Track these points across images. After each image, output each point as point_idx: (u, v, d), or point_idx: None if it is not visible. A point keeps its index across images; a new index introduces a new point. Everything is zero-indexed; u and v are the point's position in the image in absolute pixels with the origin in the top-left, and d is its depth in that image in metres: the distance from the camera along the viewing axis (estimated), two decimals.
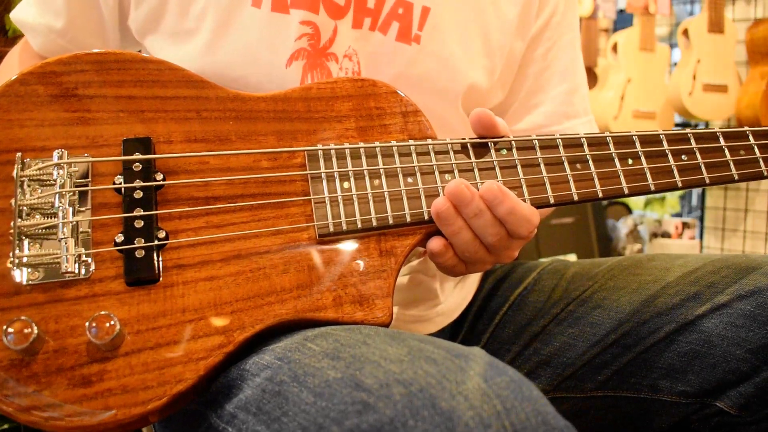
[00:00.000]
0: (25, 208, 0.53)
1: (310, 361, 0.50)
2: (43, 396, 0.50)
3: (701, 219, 2.76)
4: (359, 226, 0.59)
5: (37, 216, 0.54)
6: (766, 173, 0.70)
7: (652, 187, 0.66)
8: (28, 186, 0.54)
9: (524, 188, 0.63)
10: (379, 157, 0.61)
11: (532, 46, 0.83)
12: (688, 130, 0.69)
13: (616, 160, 0.66)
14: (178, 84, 0.60)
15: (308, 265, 0.57)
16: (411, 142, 0.62)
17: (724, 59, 2.40)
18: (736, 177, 0.69)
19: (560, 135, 0.65)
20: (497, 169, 0.63)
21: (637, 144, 0.67)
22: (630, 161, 0.66)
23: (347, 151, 0.61)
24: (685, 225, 2.72)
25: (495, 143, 0.64)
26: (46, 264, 0.53)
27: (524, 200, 0.62)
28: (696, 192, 3.03)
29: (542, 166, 0.64)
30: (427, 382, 0.42)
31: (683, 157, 0.68)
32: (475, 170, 0.63)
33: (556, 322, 0.79)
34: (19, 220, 0.53)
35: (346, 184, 0.60)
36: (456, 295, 0.85)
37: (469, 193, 0.59)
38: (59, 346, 0.51)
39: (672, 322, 0.71)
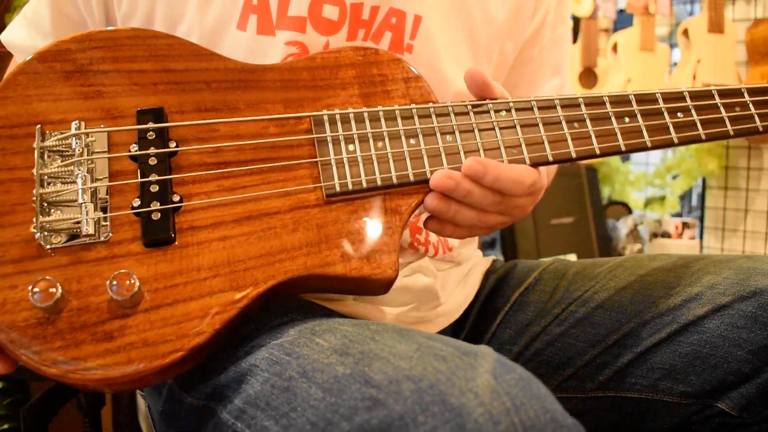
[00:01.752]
0: (46, 177, 0.56)
1: (318, 356, 0.50)
2: (68, 350, 0.52)
3: (701, 219, 2.76)
4: (364, 185, 0.61)
5: (58, 184, 0.56)
6: (761, 128, 0.71)
7: (649, 144, 0.67)
8: (48, 157, 0.57)
9: (523, 147, 0.64)
10: (382, 120, 0.63)
11: (529, 47, 0.84)
12: (683, 88, 0.69)
13: (613, 119, 0.67)
14: (189, 57, 0.63)
15: (316, 224, 0.60)
16: (413, 105, 0.64)
17: (724, 59, 2.40)
18: (732, 132, 0.69)
19: (558, 96, 0.67)
20: (497, 129, 0.65)
21: (634, 103, 0.68)
22: (627, 119, 0.67)
23: (351, 116, 0.63)
24: (685, 225, 2.71)
25: (494, 105, 0.65)
26: (68, 229, 0.55)
27: (523, 160, 0.64)
28: (696, 192, 3.03)
29: (540, 125, 0.65)
30: (437, 379, 0.42)
31: (679, 114, 0.68)
32: (476, 131, 0.64)
33: (557, 323, 0.79)
34: (41, 188, 0.55)
35: (351, 147, 0.62)
36: (457, 296, 0.85)
37: (452, 181, 0.60)
38: (82, 304, 0.54)
39: (673, 323, 0.71)
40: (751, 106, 0.71)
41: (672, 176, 2.78)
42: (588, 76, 2.49)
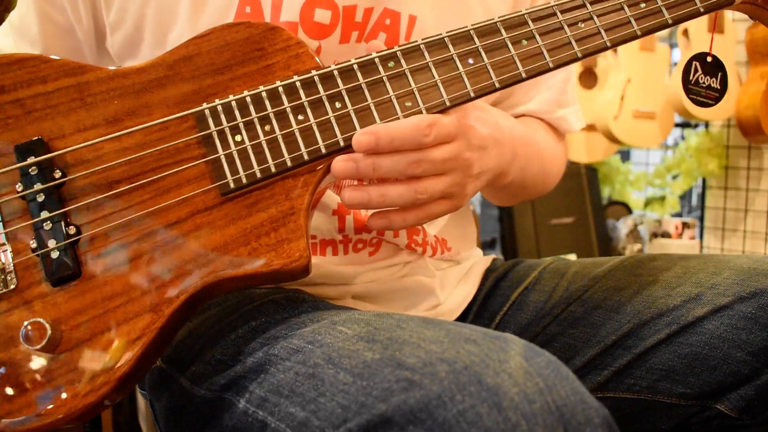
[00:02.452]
0: None
1: (343, 344, 0.51)
2: (1, 407, 0.54)
3: (701, 219, 2.76)
4: (259, 176, 0.58)
5: None
6: (670, 21, 0.66)
7: (551, 64, 0.62)
8: None
9: (417, 95, 0.60)
10: (266, 101, 0.60)
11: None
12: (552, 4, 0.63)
13: (510, 45, 0.62)
14: (57, 75, 0.60)
15: (219, 225, 0.58)
16: (295, 77, 0.60)
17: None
18: (639, 33, 0.64)
19: (447, 33, 0.62)
20: (386, 83, 0.60)
21: (530, 23, 0.62)
22: (525, 42, 0.62)
23: (233, 104, 0.60)
24: (685, 225, 2.71)
25: (381, 57, 0.61)
26: None
27: (420, 110, 0.60)
28: (696, 192, 3.03)
29: (433, 69, 0.61)
30: (471, 361, 0.43)
31: (581, 25, 0.63)
32: (365, 90, 0.60)
33: (557, 323, 0.79)
34: None
35: (238, 137, 0.59)
36: (456, 295, 0.85)
37: (352, 162, 0.58)
38: (6, 357, 0.55)
39: (673, 324, 0.71)
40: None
41: (672, 176, 2.78)
42: (588, 76, 2.49)
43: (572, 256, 2.39)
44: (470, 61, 0.61)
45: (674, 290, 0.73)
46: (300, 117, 0.60)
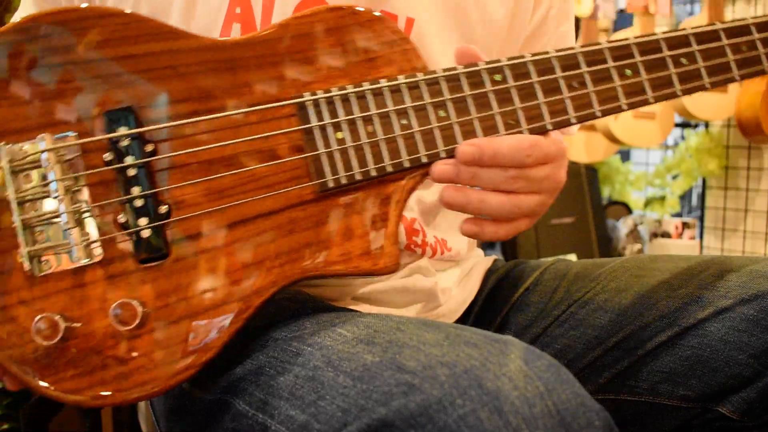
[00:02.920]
0: (20, 200, 0.54)
1: (343, 347, 0.51)
2: (82, 379, 0.52)
3: (701, 219, 2.76)
4: (358, 178, 0.58)
5: (36, 203, 0.54)
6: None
7: (652, 100, 0.62)
8: (20, 173, 0.54)
9: (520, 116, 0.60)
10: (369, 99, 0.59)
11: (531, 43, 0.83)
12: (688, 31, 0.64)
13: (615, 75, 0.62)
14: (148, 38, 0.57)
15: (312, 222, 0.58)
16: (400, 78, 0.59)
17: None
18: (738, 78, 0.65)
19: (555, 54, 0.61)
20: (491, 96, 0.60)
21: (636, 54, 0.62)
22: (628, 72, 0.62)
23: (337, 98, 0.58)
24: (685, 225, 2.71)
25: (488, 69, 0.60)
26: (56, 254, 0.54)
27: (522, 131, 0.60)
28: (696, 192, 3.03)
29: (539, 91, 0.60)
30: (471, 364, 0.43)
31: (682, 60, 0.63)
32: (468, 100, 0.60)
33: (558, 324, 0.79)
34: (21, 209, 0.53)
35: (339, 135, 0.58)
36: (457, 296, 0.85)
37: (451, 167, 0.58)
38: (87, 330, 0.53)
39: (674, 326, 0.71)
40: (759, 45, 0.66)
41: (672, 176, 2.78)
42: None
43: (572, 256, 2.38)
44: (575, 85, 0.61)
45: (676, 292, 0.73)
46: (403, 121, 0.59)
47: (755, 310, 0.67)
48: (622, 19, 2.64)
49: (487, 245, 2.45)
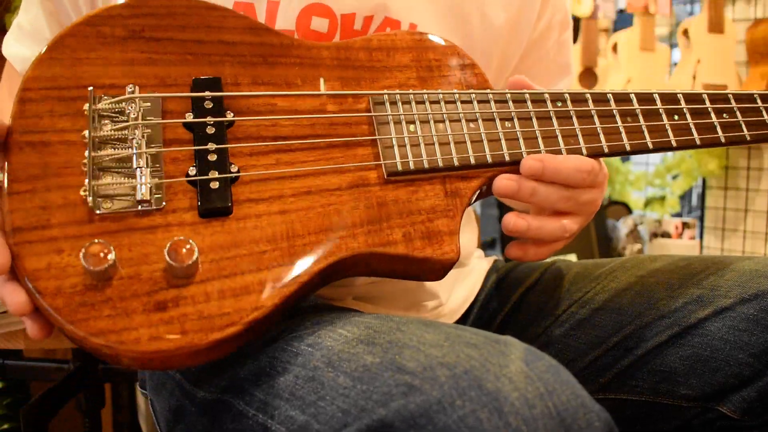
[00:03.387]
0: (97, 140, 0.53)
1: (343, 347, 0.51)
2: (118, 319, 0.49)
3: (701, 219, 2.76)
4: (426, 166, 0.60)
5: (109, 149, 0.54)
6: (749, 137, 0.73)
7: (698, 142, 0.69)
8: (99, 121, 0.54)
9: (579, 137, 0.65)
10: (442, 103, 0.63)
11: (537, 48, 0.84)
12: (728, 91, 0.73)
13: (664, 116, 0.69)
14: (243, 31, 0.61)
15: (377, 203, 0.59)
16: (472, 91, 0.65)
17: (724, 59, 2.40)
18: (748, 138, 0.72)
19: (611, 91, 0.68)
20: (554, 118, 0.65)
21: (682, 102, 0.70)
22: (676, 117, 0.69)
23: (411, 97, 0.63)
24: (685, 225, 2.71)
25: (551, 95, 0.66)
26: (121, 194, 0.53)
27: (580, 150, 0.64)
28: (696, 192, 3.03)
29: (595, 117, 0.66)
30: (471, 365, 0.43)
31: (724, 115, 0.71)
32: (533, 118, 0.65)
33: (558, 324, 0.79)
34: (93, 148, 0.53)
35: (411, 128, 0.62)
36: (457, 296, 0.85)
37: (514, 182, 0.61)
38: (133, 272, 0.51)
39: (674, 325, 0.71)
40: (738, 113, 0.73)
41: (672, 176, 2.78)
42: (588, 76, 2.48)
43: (572, 256, 2.39)
44: (628, 119, 0.67)
45: (676, 292, 0.73)
46: (471, 125, 0.63)
47: (755, 310, 0.67)
48: (622, 19, 2.64)
49: (487, 245, 2.45)
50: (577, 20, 2.44)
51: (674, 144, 0.68)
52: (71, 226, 0.51)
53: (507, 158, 0.62)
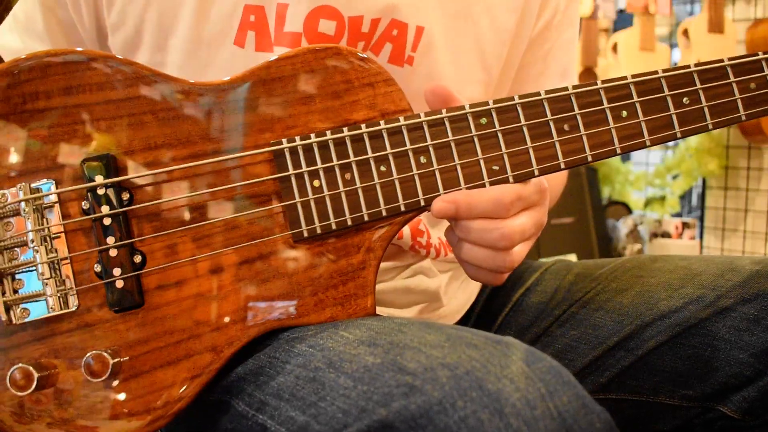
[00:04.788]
0: (1, 246, 0.55)
1: (344, 348, 0.51)
2: (58, 427, 0.54)
3: (701, 219, 2.76)
4: (333, 228, 0.58)
5: (12, 251, 0.56)
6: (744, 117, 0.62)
7: (648, 143, 0.60)
8: (0, 220, 0.56)
9: (506, 162, 0.58)
10: (348, 143, 0.58)
11: (533, 48, 0.83)
12: (692, 69, 0.61)
13: (609, 117, 0.59)
14: (130, 82, 0.57)
15: (287, 272, 0.58)
16: (381, 123, 0.58)
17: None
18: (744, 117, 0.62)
19: (545, 95, 0.59)
20: (476, 142, 0.58)
21: (634, 94, 0.60)
22: (624, 113, 0.59)
23: (314, 145, 0.58)
24: (685, 225, 2.71)
25: (474, 113, 0.58)
26: (33, 302, 0.55)
27: (507, 179, 0.58)
28: (696, 192, 3.03)
29: (525, 132, 0.58)
30: (472, 366, 0.43)
31: (684, 100, 0.60)
32: (453, 149, 0.58)
33: (558, 324, 0.79)
34: (0, 258, 0.55)
35: (316, 183, 0.58)
36: (459, 297, 0.85)
37: (452, 205, 0.57)
38: (63, 380, 0.55)
39: (675, 325, 0.71)
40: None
41: (672, 176, 2.78)
42: (588, 76, 2.48)
43: (572, 256, 2.39)
44: (566, 128, 0.59)
45: (676, 292, 0.73)
46: (382, 168, 0.58)
47: (756, 310, 0.67)
48: (622, 19, 2.64)
49: None
50: None
51: (619, 151, 0.59)
52: None
53: (422, 203, 0.58)
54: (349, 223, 0.58)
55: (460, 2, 0.72)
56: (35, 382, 0.52)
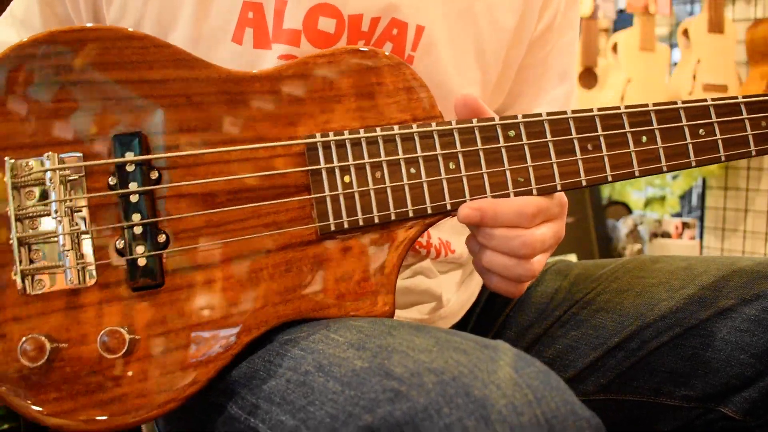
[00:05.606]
0: (18, 216, 0.54)
1: (334, 351, 0.50)
2: (63, 402, 0.52)
3: (701, 219, 2.76)
4: (361, 224, 0.58)
5: (35, 221, 0.54)
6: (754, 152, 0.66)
7: (665, 169, 0.63)
8: (22, 188, 0.54)
9: (531, 175, 0.60)
10: (380, 143, 0.59)
11: (533, 50, 0.82)
12: (708, 103, 0.63)
13: (630, 141, 0.62)
14: (166, 64, 0.57)
15: (311, 264, 0.58)
16: (414, 127, 0.59)
17: (724, 59, 2.40)
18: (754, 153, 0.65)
19: (571, 114, 0.61)
20: (503, 153, 0.60)
21: (654, 121, 0.62)
22: (644, 139, 0.62)
23: (347, 142, 0.59)
24: (685, 225, 2.71)
25: (503, 125, 0.60)
26: (51, 273, 0.53)
27: (531, 191, 0.60)
28: (696, 192, 3.03)
29: (551, 149, 0.61)
30: (459, 371, 0.43)
31: (701, 132, 0.63)
32: (480, 155, 0.60)
33: (559, 325, 0.79)
34: (19, 226, 0.53)
35: (347, 178, 0.58)
36: (459, 297, 0.85)
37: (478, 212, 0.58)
38: (74, 354, 0.53)
39: (676, 326, 0.71)
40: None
41: (672, 176, 2.78)
42: (588, 76, 2.48)
43: (572, 257, 2.38)
44: (589, 147, 0.61)
45: (677, 292, 0.73)
46: (412, 170, 0.59)
47: (757, 310, 0.67)
48: (622, 19, 2.64)
49: None
50: None
51: (637, 174, 0.62)
52: (8, 309, 0.53)
53: (448, 207, 0.59)
54: (376, 220, 0.58)
55: (461, 2, 0.72)
56: (47, 354, 0.51)
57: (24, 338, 0.52)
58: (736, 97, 0.64)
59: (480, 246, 0.60)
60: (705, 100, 0.63)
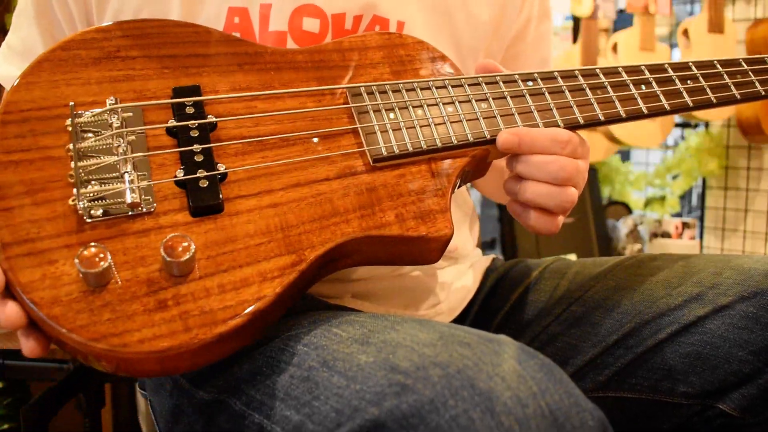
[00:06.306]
0: (81, 152, 0.54)
1: (338, 347, 0.51)
2: (118, 323, 0.48)
3: (701, 219, 2.76)
4: (410, 149, 0.62)
5: (98, 157, 0.54)
6: (763, 93, 0.77)
7: (667, 107, 0.71)
8: (82, 134, 0.55)
9: (554, 111, 0.67)
10: (418, 90, 0.65)
11: (516, 43, 0.85)
12: (689, 61, 0.75)
13: (631, 86, 0.71)
14: (217, 43, 0.63)
15: (366, 188, 0.60)
16: (445, 77, 0.67)
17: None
18: (738, 97, 0.75)
19: (577, 67, 0.70)
20: (527, 95, 0.67)
21: (647, 73, 0.72)
22: (643, 87, 0.71)
23: (387, 87, 0.64)
24: (685, 225, 2.71)
25: (522, 77, 0.68)
26: (109, 201, 0.53)
27: (556, 123, 0.66)
28: (696, 192, 3.03)
29: (567, 92, 0.68)
30: (464, 364, 0.43)
31: (688, 82, 0.74)
32: (508, 98, 0.67)
33: (558, 323, 0.79)
34: (79, 159, 0.53)
35: (391, 115, 0.63)
36: (456, 294, 0.85)
37: (515, 137, 0.62)
38: (131, 275, 0.50)
39: (674, 323, 0.71)
40: (750, 74, 0.77)
41: (672, 176, 2.78)
42: None
43: (572, 256, 2.39)
44: (598, 92, 0.70)
45: (675, 290, 0.73)
46: (449, 108, 0.65)
47: (755, 308, 0.67)
48: (622, 19, 2.64)
49: (487, 245, 2.45)
50: (577, 20, 2.44)
51: (645, 111, 0.70)
52: (62, 237, 0.51)
53: (487, 135, 0.64)
54: (424, 146, 0.62)
55: None
56: (106, 263, 0.49)
57: (84, 247, 0.49)
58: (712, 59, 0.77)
59: (519, 181, 0.63)
60: (687, 61, 0.75)
